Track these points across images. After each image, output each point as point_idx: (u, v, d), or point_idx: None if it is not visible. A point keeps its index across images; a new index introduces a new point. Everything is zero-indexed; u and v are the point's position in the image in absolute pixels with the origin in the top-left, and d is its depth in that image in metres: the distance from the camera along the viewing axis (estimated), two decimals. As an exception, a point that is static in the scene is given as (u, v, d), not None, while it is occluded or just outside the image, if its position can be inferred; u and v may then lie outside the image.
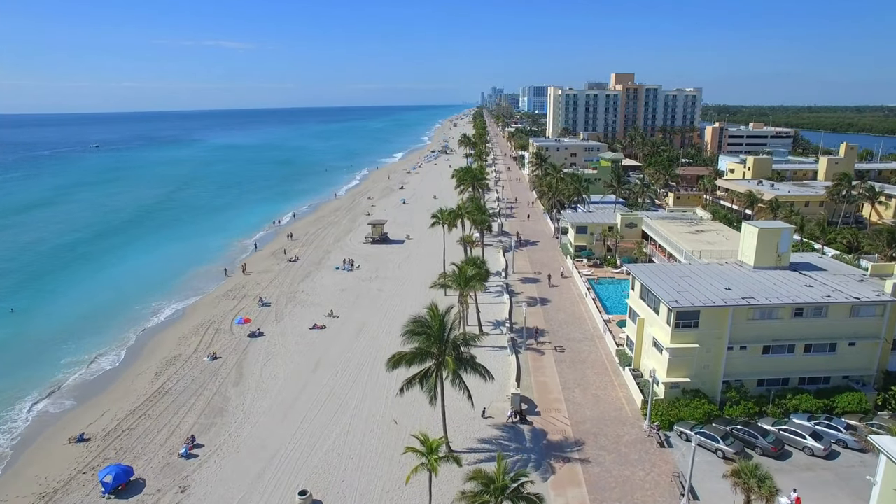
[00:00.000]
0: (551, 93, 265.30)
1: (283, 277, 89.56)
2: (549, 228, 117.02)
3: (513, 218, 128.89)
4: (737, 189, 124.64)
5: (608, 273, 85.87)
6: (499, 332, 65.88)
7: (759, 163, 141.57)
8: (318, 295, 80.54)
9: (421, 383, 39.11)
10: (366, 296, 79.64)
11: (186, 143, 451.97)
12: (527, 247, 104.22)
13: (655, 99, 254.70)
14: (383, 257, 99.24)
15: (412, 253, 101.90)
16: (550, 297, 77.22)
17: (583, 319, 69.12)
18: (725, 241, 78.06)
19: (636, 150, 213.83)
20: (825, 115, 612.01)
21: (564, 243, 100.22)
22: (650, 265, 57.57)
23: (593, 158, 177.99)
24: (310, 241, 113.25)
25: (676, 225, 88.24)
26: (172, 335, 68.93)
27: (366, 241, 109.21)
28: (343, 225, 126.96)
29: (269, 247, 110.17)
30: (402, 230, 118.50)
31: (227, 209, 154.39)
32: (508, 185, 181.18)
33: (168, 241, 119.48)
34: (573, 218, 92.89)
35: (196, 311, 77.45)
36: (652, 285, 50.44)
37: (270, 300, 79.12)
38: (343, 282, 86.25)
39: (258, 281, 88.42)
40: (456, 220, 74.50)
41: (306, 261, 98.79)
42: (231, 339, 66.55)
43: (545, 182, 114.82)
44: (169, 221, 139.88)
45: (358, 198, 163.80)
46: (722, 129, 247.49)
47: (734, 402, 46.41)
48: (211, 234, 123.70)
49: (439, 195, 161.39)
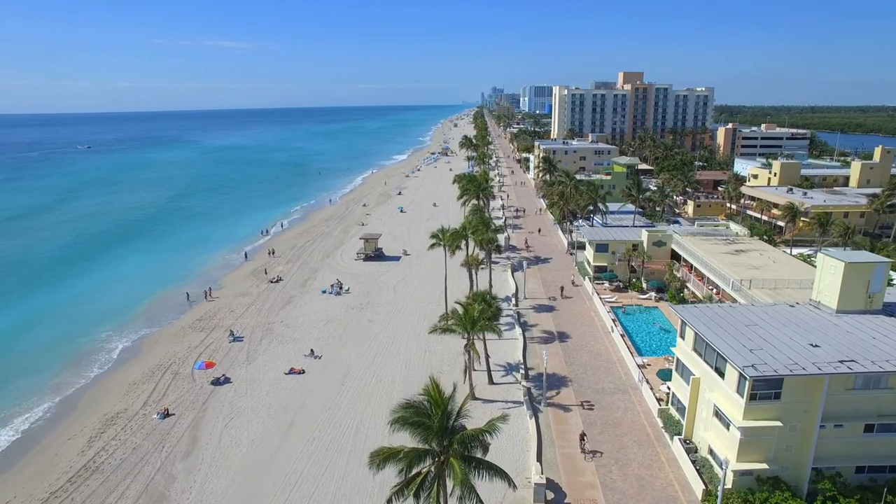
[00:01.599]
0: (556, 92, 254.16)
1: (262, 303, 78.44)
2: (562, 242, 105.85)
3: (520, 229, 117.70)
4: (766, 197, 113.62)
5: (634, 299, 74.72)
6: (511, 379, 54.81)
7: (787, 168, 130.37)
8: (299, 327, 69.39)
9: (416, 497, 27.97)
10: (354, 328, 68.49)
11: (180, 144, 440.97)
12: (538, 264, 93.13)
13: (665, 99, 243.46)
14: (377, 277, 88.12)
15: (409, 272, 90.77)
16: (570, 330, 66.10)
17: (611, 362, 57.98)
18: (773, 265, 67.03)
19: (647, 152, 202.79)
20: (830, 116, 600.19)
21: (581, 262, 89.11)
22: (703, 308, 46.24)
23: (604, 163, 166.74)
24: (296, 256, 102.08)
25: (711, 243, 77.14)
26: (121, 381, 57.76)
27: (358, 258, 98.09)
28: (334, 237, 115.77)
29: (250, 264, 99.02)
30: (399, 244, 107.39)
31: (212, 217, 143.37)
32: (513, 191, 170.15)
33: (140, 254, 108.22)
34: (592, 234, 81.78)
35: (155, 346, 66.27)
36: (714, 338, 39.33)
37: (244, 333, 67.97)
38: (329, 309, 75.11)
39: (233, 307, 77.29)
40: (459, 242, 63.59)
41: (290, 282, 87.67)
42: (191, 387, 55.42)
43: (556, 191, 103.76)
44: (144, 231, 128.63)
45: (352, 205, 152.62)
46: (735, 131, 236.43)
47: (829, 496, 35.29)
48: (190, 246, 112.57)
49: (440, 202, 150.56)
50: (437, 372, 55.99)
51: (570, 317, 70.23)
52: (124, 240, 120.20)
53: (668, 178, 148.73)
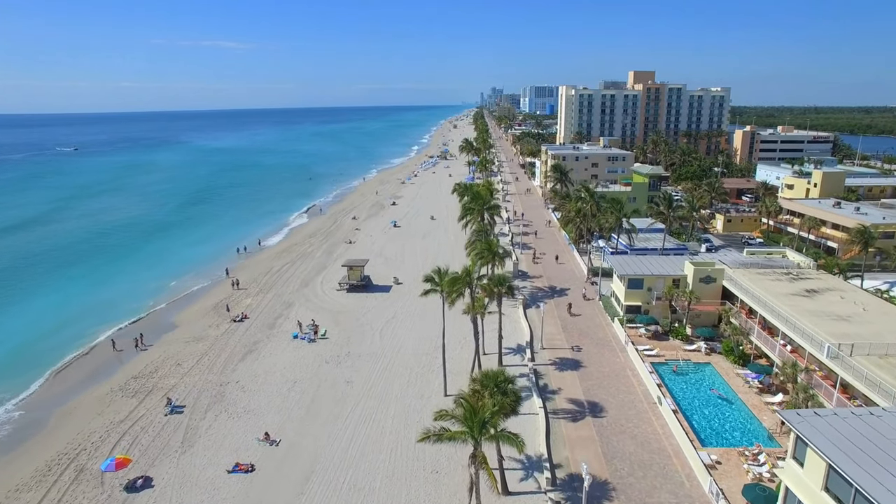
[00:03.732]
0: (563, 92, 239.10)
1: (217, 352, 63.63)
2: (579, 267, 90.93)
3: (528, 249, 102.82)
4: (814, 213, 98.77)
5: (678, 351, 59.88)
6: (532, 485, 40.07)
7: (830, 178, 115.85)
8: (257, 391, 54.62)
9: None
10: (327, 395, 53.72)
11: (171, 145, 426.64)
12: (553, 296, 78.33)
13: (679, 99, 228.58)
14: (361, 316, 73.28)
15: (401, 308, 75.88)
16: (604, 398, 51.32)
17: (665, 456, 43.13)
18: (864, 314, 52.29)
19: (661, 158, 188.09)
20: (834, 117, 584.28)
21: (607, 296, 74.29)
22: (829, 417, 31.08)
23: (618, 170, 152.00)
24: (269, 284, 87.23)
25: (771, 279, 62.43)
26: (1, 483, 42.98)
27: (340, 288, 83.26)
28: (316, 259, 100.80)
29: (211, 295, 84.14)
30: (390, 268, 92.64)
31: (180, 232, 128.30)
32: (518, 200, 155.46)
33: (78, 283, 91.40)
34: (623, 267, 66.95)
35: (67, 419, 51.47)
36: (873, 489, 24.64)
37: (187, 400, 53.21)
38: (299, 363, 60.31)
39: (181, 358, 62.49)
40: (462, 291, 48.75)
41: (257, 320, 72.87)
42: (95, 496, 40.66)
43: (573, 207, 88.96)
44: (91, 252, 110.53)
45: (341, 217, 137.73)
46: (753, 134, 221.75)
47: None
48: (145, 271, 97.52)
49: (438, 214, 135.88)
50: (432, 471, 41.45)
51: (602, 376, 55.48)
52: (62, 263, 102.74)
53: (690, 189, 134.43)
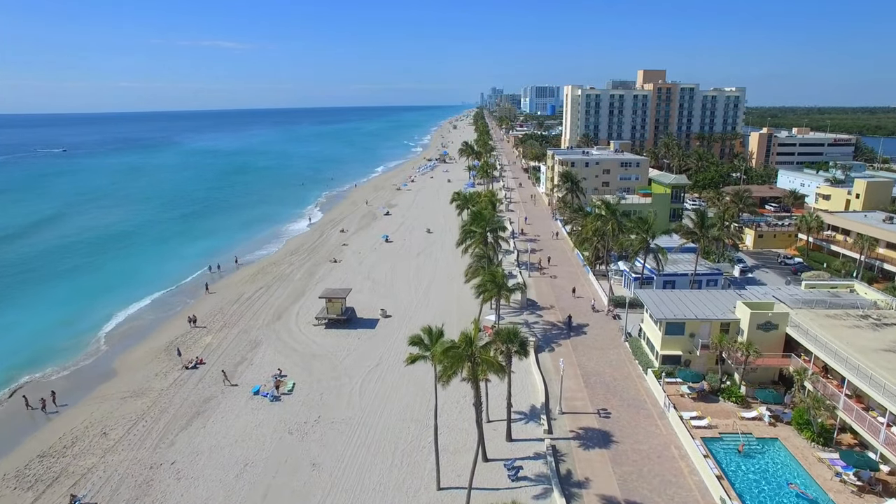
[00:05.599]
0: (568, 92, 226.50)
1: (157, 415, 51.10)
2: (598, 296, 78.31)
3: (537, 271, 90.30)
4: (862, 229, 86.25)
5: (734, 419, 47.22)
6: None
7: (875, 188, 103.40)
8: (195, 478, 42.05)
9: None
10: (286, 484, 41.14)
11: (163, 146, 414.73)
12: (569, 336, 65.77)
13: (692, 100, 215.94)
14: (339, 362, 60.68)
15: (387, 351, 63.21)
16: (647, 495, 38.88)
17: None
18: None
19: (676, 162, 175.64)
20: (839, 118, 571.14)
21: (636, 340, 61.67)
22: None
23: (631, 177, 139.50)
24: (236, 316, 74.60)
25: (846, 324, 49.90)
26: None
27: (318, 323, 70.68)
28: (295, 283, 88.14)
29: (169, 328, 71.56)
30: (377, 296, 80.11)
31: (150, 246, 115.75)
32: (523, 208, 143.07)
33: (12, 312, 78.93)
34: (659, 307, 54.38)
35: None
36: None
37: (99, 496, 40.72)
38: (255, 433, 47.76)
39: (109, 424, 49.95)
40: (460, 366, 36.04)
41: (214, 366, 60.27)
42: None
43: (590, 226, 76.36)
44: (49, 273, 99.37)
45: (328, 230, 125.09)
46: (770, 137, 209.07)
47: None
48: (101, 293, 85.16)
49: (436, 226, 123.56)
50: None
51: (641, 458, 42.95)
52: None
53: (713, 198, 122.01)
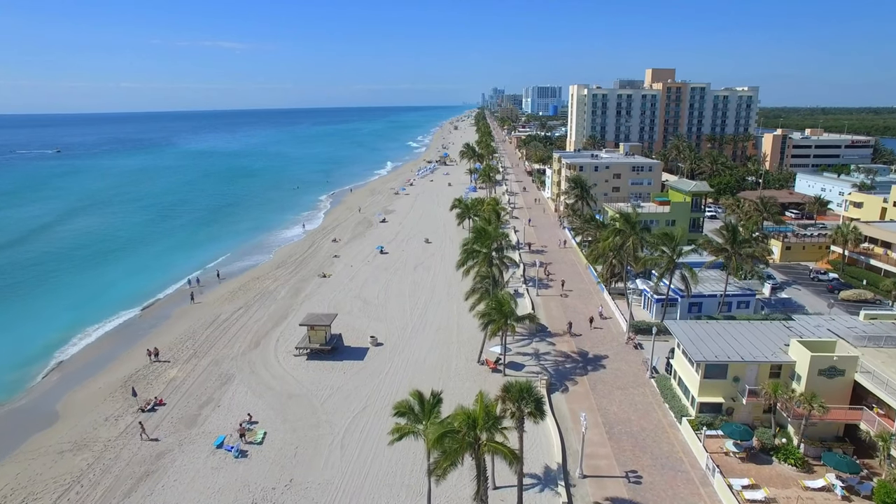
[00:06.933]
0: (573, 92, 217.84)
1: (96, 479, 42.44)
2: (616, 321, 69.71)
3: (546, 287, 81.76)
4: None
5: (795, 489, 38.68)
6: None
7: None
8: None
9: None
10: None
11: (159, 147, 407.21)
12: (585, 372, 57.22)
13: (703, 100, 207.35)
14: (319, 405, 52.03)
15: (376, 390, 54.58)
16: None
17: None
18: None
19: (688, 165, 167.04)
20: (843, 118, 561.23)
21: (665, 379, 53.02)
22: None
23: (643, 181, 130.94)
24: (207, 345, 66.02)
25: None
26: None
27: (299, 353, 62.16)
28: (278, 302, 79.53)
29: (130, 358, 62.97)
30: (368, 318, 71.55)
31: (125, 255, 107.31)
32: (528, 215, 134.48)
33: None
34: (697, 346, 45.82)
35: None
36: None
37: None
38: (215, 500, 39.33)
39: (35, 490, 41.36)
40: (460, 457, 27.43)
41: (174, 410, 51.74)
42: None
43: (608, 242, 67.76)
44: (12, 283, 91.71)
45: (319, 239, 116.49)
46: (785, 138, 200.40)
47: None
48: (61, 313, 76.62)
49: (435, 236, 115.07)
50: None
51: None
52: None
53: (733, 205, 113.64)
